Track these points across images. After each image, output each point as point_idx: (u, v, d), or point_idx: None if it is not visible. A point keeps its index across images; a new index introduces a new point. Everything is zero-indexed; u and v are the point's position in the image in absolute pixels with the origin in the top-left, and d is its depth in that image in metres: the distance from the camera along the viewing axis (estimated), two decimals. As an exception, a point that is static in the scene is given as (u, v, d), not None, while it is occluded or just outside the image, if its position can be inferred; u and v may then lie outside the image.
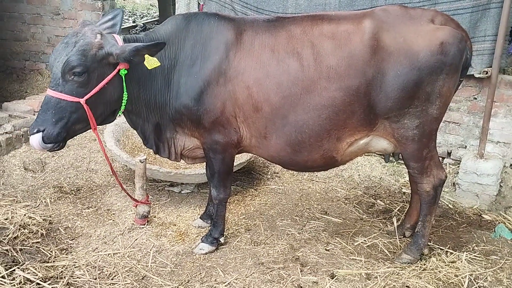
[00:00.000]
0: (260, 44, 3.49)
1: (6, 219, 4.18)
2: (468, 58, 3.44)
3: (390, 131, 3.48)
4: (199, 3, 6.00)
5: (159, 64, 3.37)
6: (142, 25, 13.26)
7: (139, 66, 3.39)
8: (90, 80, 3.27)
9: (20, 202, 4.58)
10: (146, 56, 3.30)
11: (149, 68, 3.36)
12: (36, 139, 3.25)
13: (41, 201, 4.64)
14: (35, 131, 3.23)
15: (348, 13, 3.54)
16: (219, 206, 3.95)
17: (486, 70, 4.85)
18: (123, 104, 3.50)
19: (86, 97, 3.27)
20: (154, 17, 14.69)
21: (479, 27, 4.79)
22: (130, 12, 16.04)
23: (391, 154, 3.86)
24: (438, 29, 3.29)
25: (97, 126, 3.46)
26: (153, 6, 16.75)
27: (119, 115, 3.65)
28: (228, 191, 3.92)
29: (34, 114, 5.74)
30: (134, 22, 14.11)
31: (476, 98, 5.16)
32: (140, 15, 15.65)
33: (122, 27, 11.72)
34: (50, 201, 4.64)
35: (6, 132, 5.39)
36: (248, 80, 3.44)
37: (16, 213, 4.29)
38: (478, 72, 4.91)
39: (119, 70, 3.35)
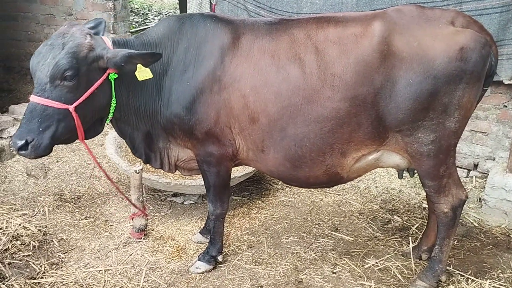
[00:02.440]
0: (259, 48, 3.18)
1: (0, 229, 4.01)
2: (492, 65, 3.03)
3: (402, 146, 3.12)
4: (211, 3, 5.73)
5: (151, 76, 3.11)
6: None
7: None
8: (79, 85, 2.99)
9: (18, 210, 4.41)
10: (139, 66, 3.04)
11: (139, 79, 3.10)
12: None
13: (39, 209, 4.46)
14: (23, 142, 2.91)
15: (358, 14, 3.18)
16: (216, 222, 3.67)
17: (518, 75, 4.41)
18: (111, 111, 3.23)
19: (75, 104, 2.98)
20: (179, 17, 14.51)
21: (510, 28, 4.33)
22: (156, 11, 15.98)
23: (406, 170, 3.48)
24: (458, 32, 2.90)
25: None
26: (180, 5, 16.61)
27: (107, 124, 3.39)
28: (226, 206, 3.64)
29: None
30: (159, 21, 13.98)
31: (506, 106, 4.71)
32: (166, 14, 15.55)
33: (147, 26, 11.59)
34: (48, 209, 4.46)
35: (11, 136, 5.24)
36: (244, 88, 3.13)
37: (11, 222, 4.12)
38: (509, 77, 4.46)
39: (108, 74, 3.08)
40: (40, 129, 2.95)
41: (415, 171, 3.38)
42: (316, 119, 3.04)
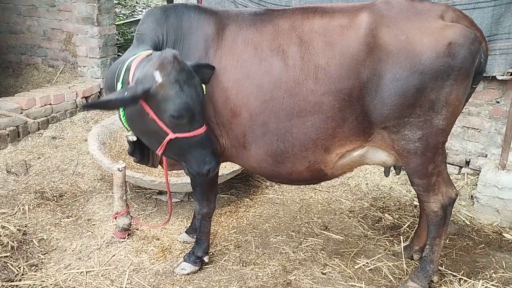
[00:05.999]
0: (243, 40, 3.06)
1: (-23, 229, 3.88)
2: (482, 62, 2.92)
3: (389, 143, 3.01)
4: (198, -5, 5.59)
5: None
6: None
7: None
8: None
9: (-4, 209, 4.28)
10: None
11: None
12: None
13: (19, 208, 4.32)
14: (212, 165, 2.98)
15: (346, 5, 3.06)
16: (202, 221, 3.55)
17: (511, 71, 4.30)
18: None
19: None
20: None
21: (503, 23, 4.22)
22: (144, 3, 15.71)
23: (393, 167, 3.37)
24: (447, 27, 2.78)
25: None
26: None
27: None
28: (213, 205, 3.53)
29: (21, 113, 5.44)
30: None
31: (498, 102, 4.61)
32: (154, 6, 15.26)
33: (135, 19, 11.15)
34: (28, 208, 4.32)
35: (-6, 132, 5.11)
36: (227, 82, 3.02)
37: (-11, 222, 4.00)
38: (502, 73, 4.36)
39: None
40: None
41: (402, 168, 3.28)
42: (299, 113, 2.93)
